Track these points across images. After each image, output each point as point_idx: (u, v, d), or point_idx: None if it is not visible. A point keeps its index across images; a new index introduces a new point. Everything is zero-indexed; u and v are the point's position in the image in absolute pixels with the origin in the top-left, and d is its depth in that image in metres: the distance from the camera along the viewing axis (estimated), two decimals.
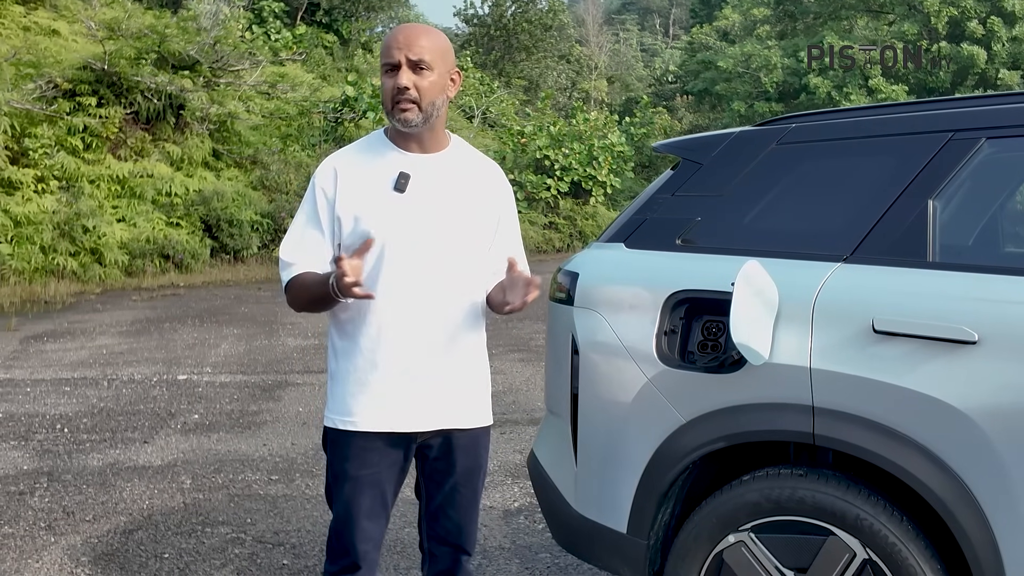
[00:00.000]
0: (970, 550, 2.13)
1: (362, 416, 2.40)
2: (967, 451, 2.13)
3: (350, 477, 2.42)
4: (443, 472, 2.50)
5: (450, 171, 2.44)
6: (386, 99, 2.36)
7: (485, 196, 2.51)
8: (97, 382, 7.69)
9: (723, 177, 2.76)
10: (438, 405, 2.43)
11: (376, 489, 2.44)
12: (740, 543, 2.41)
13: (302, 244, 2.41)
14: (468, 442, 2.50)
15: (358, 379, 2.40)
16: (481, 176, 2.52)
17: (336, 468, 2.45)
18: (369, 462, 2.42)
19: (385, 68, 2.35)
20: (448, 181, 2.43)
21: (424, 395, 2.41)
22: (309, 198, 2.42)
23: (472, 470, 2.53)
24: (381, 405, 2.39)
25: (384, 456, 2.43)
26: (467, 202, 2.45)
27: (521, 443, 5.73)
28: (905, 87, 28.01)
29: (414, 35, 2.34)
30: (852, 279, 2.37)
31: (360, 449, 2.41)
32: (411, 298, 2.37)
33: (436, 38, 2.38)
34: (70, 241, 14.85)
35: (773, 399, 2.37)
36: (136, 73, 16.67)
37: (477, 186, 2.49)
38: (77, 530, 4.30)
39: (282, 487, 4.93)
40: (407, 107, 2.32)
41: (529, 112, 30.81)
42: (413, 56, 2.32)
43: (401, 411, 2.40)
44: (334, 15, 30.29)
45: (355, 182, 2.38)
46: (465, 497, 2.53)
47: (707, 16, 53.48)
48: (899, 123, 2.61)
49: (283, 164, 18.81)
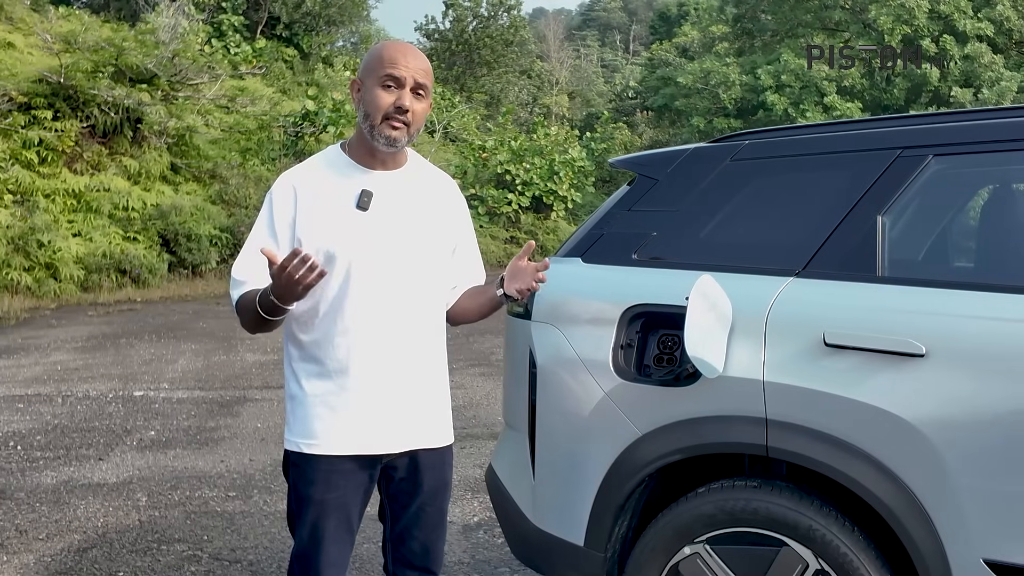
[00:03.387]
0: (919, 559, 2.17)
1: (328, 439, 2.34)
2: (915, 462, 2.17)
3: (315, 501, 2.36)
4: (409, 493, 2.46)
5: (410, 188, 2.42)
6: (376, 111, 2.29)
7: (445, 211, 2.50)
8: (51, 399, 7.58)
9: (678, 193, 2.80)
10: (405, 425, 2.39)
11: (342, 512, 2.39)
12: (696, 555, 2.44)
13: (255, 262, 2.31)
14: (434, 461, 2.47)
15: (324, 401, 2.34)
16: (439, 191, 2.51)
17: (301, 492, 2.38)
18: (335, 485, 2.36)
19: (385, 82, 2.28)
20: (409, 198, 2.41)
21: (392, 416, 2.37)
22: (265, 215, 2.35)
23: (438, 489, 2.49)
24: (349, 427, 2.34)
25: (350, 479, 2.37)
26: (428, 218, 2.43)
27: (481, 458, 5.72)
28: (860, 104, 28.41)
29: (419, 59, 2.32)
30: (804, 293, 2.41)
31: (326, 472, 2.35)
32: (377, 318, 2.33)
33: (429, 65, 2.37)
34: (24, 256, 14.63)
35: (727, 412, 2.40)
36: (93, 86, 16.50)
37: (437, 202, 2.48)
38: (30, 548, 4.24)
39: (239, 504, 4.89)
40: (399, 126, 2.30)
41: (490, 127, 30.88)
42: (420, 79, 2.30)
43: (369, 433, 2.35)
44: (294, 29, 30.18)
45: (316, 200, 2.32)
46: (431, 516, 2.49)
47: (666, 33, 54.00)
48: (849, 140, 2.66)
49: (242, 178, 18.68)
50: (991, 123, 2.50)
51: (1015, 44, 29.06)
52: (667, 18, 58.68)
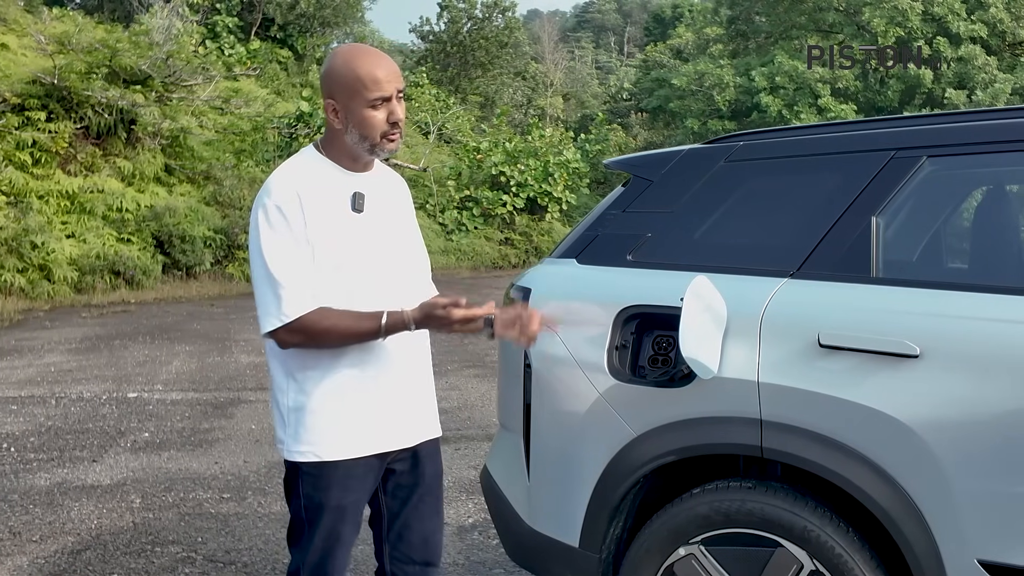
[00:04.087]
0: (913, 560, 2.17)
1: (344, 444, 2.35)
2: (910, 462, 2.17)
3: (332, 507, 2.36)
4: (410, 486, 2.52)
5: (384, 188, 2.49)
6: (374, 131, 2.28)
7: (407, 208, 2.59)
8: (45, 400, 7.56)
9: (673, 194, 2.80)
10: (411, 420, 2.47)
11: (358, 515, 2.44)
12: (691, 556, 2.44)
13: (301, 275, 2.26)
14: (432, 450, 2.56)
15: (337, 407, 2.34)
16: (400, 189, 2.59)
17: (317, 501, 2.36)
18: (352, 488, 2.39)
19: (374, 103, 2.27)
20: (386, 198, 2.48)
21: (399, 413, 2.43)
22: (280, 225, 2.26)
23: (435, 476, 2.57)
24: (363, 429, 2.37)
25: (364, 480, 2.42)
26: (402, 216, 2.53)
27: (476, 459, 5.72)
28: (854, 106, 28.44)
29: (391, 63, 2.32)
30: (798, 294, 2.41)
31: (343, 478, 2.36)
32: None
33: (396, 62, 2.38)
34: (18, 257, 14.60)
35: (722, 413, 2.40)
36: (87, 87, 16.47)
37: (401, 200, 2.57)
38: (24, 551, 4.22)
39: (234, 505, 4.88)
40: (395, 137, 2.32)
41: (485, 128, 30.86)
42: (400, 87, 2.32)
43: (382, 432, 2.40)
44: (289, 30, 30.17)
45: (319, 205, 2.31)
46: (430, 506, 2.56)
47: (661, 34, 54.01)
48: (843, 141, 2.66)
49: (237, 180, 18.66)
50: (984, 124, 2.51)
51: (1008, 46, 29.13)
52: (661, 20, 58.72)
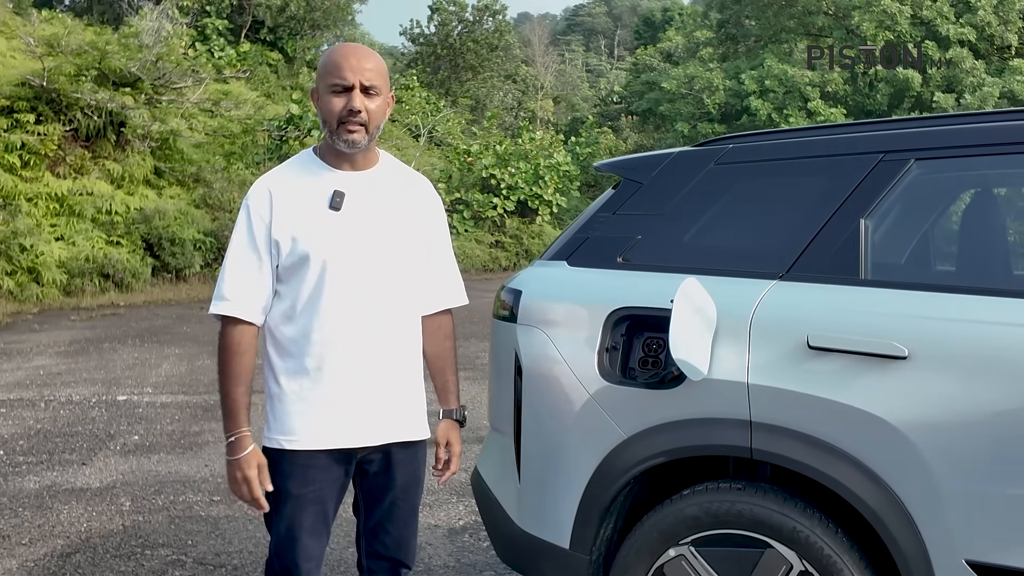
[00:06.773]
0: (902, 560, 2.18)
1: (304, 434, 2.40)
2: (899, 464, 2.18)
3: (293, 496, 2.42)
4: (382, 487, 2.52)
5: (382, 187, 2.47)
6: (331, 118, 2.36)
7: (417, 210, 2.54)
8: (34, 403, 7.53)
9: (663, 196, 2.81)
10: (380, 420, 2.45)
11: (319, 506, 2.45)
12: (681, 557, 2.44)
13: (240, 278, 2.38)
14: (407, 456, 2.53)
15: (301, 397, 2.41)
16: (411, 191, 2.55)
17: (278, 486, 2.43)
18: (312, 479, 2.42)
19: (334, 88, 2.34)
20: (381, 197, 2.46)
21: (366, 411, 2.43)
22: (243, 224, 2.40)
23: (410, 483, 2.55)
24: (324, 422, 2.40)
25: (327, 473, 2.43)
26: (400, 217, 2.48)
27: (467, 461, 5.70)
28: (843, 109, 28.54)
29: (365, 58, 2.36)
30: (788, 296, 2.42)
31: (302, 467, 2.41)
32: (352, 315, 2.39)
33: (380, 62, 2.41)
34: (7, 260, 14.54)
35: (712, 414, 2.41)
36: (76, 90, 16.42)
37: (408, 201, 2.53)
38: (13, 554, 4.21)
39: (223, 508, 4.87)
40: (355, 129, 2.35)
41: (475, 131, 30.91)
42: (366, 81, 2.34)
43: (344, 427, 2.41)
44: (279, 33, 30.14)
45: (290, 203, 2.38)
46: (404, 511, 2.55)
47: (651, 38, 54.12)
48: (832, 144, 2.67)
49: (227, 182, 18.62)
50: (972, 127, 2.52)
51: (996, 50, 29.28)
52: (652, 23, 58.87)
